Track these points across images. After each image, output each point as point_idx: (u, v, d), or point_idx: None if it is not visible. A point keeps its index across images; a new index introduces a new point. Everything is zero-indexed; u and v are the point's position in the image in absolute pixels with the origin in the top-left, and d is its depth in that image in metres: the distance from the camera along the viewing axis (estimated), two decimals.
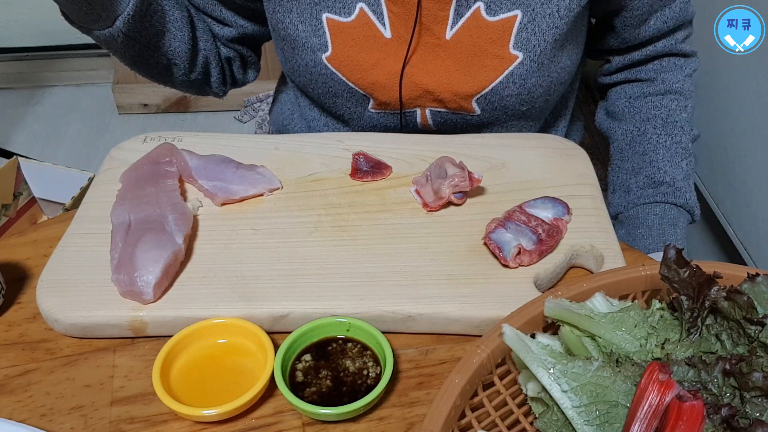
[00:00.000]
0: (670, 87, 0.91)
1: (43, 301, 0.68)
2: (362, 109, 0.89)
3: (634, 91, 0.93)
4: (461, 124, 0.89)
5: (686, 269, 0.52)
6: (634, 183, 0.88)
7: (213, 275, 0.70)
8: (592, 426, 0.47)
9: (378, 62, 0.83)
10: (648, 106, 0.91)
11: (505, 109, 0.86)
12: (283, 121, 1.05)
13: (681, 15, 0.88)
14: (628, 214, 0.88)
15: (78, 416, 0.61)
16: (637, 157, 0.89)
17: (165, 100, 2.14)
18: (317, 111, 0.96)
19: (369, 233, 0.75)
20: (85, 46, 2.25)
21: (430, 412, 0.48)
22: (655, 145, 0.89)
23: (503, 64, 0.81)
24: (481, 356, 0.51)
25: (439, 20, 0.80)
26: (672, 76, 0.91)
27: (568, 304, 0.54)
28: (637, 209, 0.87)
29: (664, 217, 0.86)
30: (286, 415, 0.61)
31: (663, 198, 0.87)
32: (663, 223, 0.85)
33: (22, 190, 1.47)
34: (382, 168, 0.83)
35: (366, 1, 0.81)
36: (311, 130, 0.98)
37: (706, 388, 0.48)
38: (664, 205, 0.87)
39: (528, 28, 0.79)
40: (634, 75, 0.93)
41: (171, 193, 0.77)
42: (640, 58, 0.91)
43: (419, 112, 0.88)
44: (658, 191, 0.87)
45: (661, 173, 0.87)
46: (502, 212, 0.76)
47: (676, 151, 0.87)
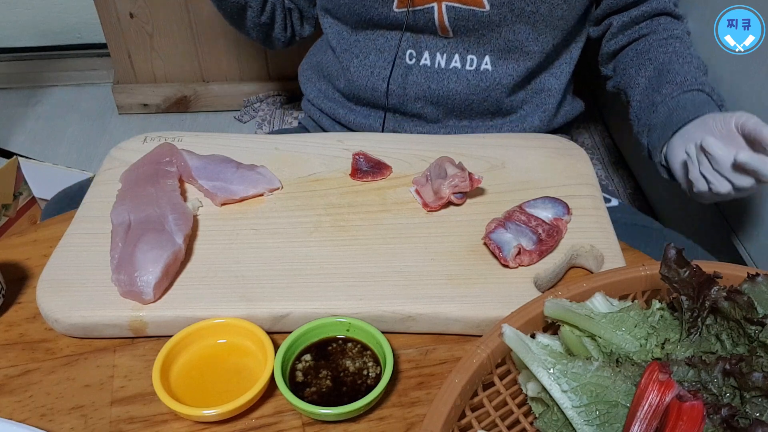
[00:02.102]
0: (672, 33, 0.94)
1: (43, 301, 0.68)
2: (387, 10, 0.93)
3: (640, 45, 0.96)
4: (474, 22, 0.91)
5: (686, 269, 0.52)
6: (657, 95, 0.89)
7: (213, 275, 0.70)
8: (592, 426, 0.47)
9: None
10: (654, 49, 0.94)
11: (512, 5, 0.89)
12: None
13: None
14: (658, 114, 0.88)
15: (78, 416, 0.61)
16: (656, 80, 0.91)
17: (165, 100, 2.14)
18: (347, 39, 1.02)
19: (369, 233, 0.75)
20: (85, 46, 2.25)
21: (430, 412, 0.48)
22: (669, 63, 0.91)
23: None
24: (481, 356, 0.51)
25: None
26: (671, 26, 0.95)
27: (568, 304, 0.54)
28: (666, 104, 0.87)
29: (695, 100, 0.85)
30: (286, 415, 0.61)
31: (689, 87, 0.87)
32: (696, 103, 0.84)
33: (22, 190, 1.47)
34: (382, 168, 0.83)
35: None
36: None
37: (706, 388, 0.48)
38: (692, 93, 0.86)
39: None
40: (636, 33, 0.97)
41: (171, 193, 0.77)
42: (637, 15, 0.95)
43: (436, 9, 0.91)
44: (683, 86, 0.87)
45: (682, 75, 0.89)
46: (502, 212, 0.76)
47: (690, 69, 0.90)
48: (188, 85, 2.10)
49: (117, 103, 2.18)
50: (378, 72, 0.98)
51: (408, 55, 0.96)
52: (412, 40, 0.95)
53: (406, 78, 0.96)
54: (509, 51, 0.93)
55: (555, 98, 1.00)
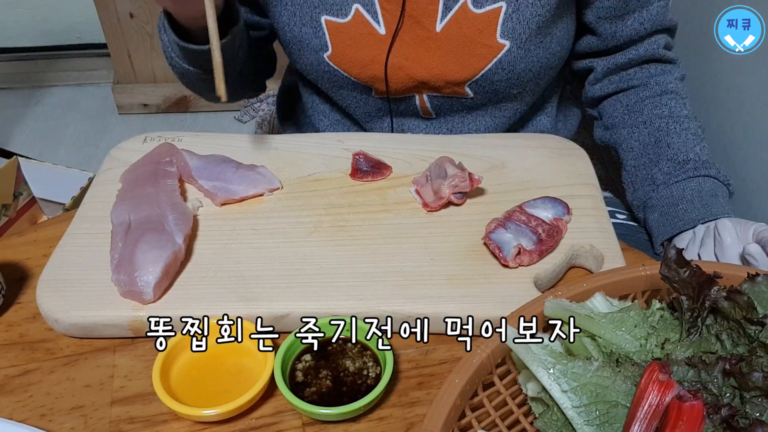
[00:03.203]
0: (665, 88, 0.90)
1: (43, 301, 0.68)
2: (366, 97, 0.94)
3: (629, 98, 0.92)
4: (457, 106, 0.93)
5: (686, 269, 0.52)
6: (657, 171, 0.85)
7: (213, 275, 0.70)
8: (592, 426, 0.47)
9: (375, 57, 0.88)
10: (648, 108, 0.90)
11: (496, 93, 0.90)
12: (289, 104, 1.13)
13: (658, 19, 0.89)
14: (659, 195, 0.84)
15: (78, 416, 0.61)
16: (652, 149, 0.87)
17: (165, 100, 2.14)
18: (326, 105, 1.02)
19: (369, 233, 0.75)
20: (85, 46, 2.25)
21: (430, 412, 0.48)
22: (666, 132, 0.87)
23: (492, 52, 0.86)
24: (481, 356, 0.51)
25: (429, 14, 0.85)
26: (664, 79, 0.91)
27: (568, 304, 0.54)
28: (669, 188, 0.83)
29: (701, 190, 0.82)
30: (286, 415, 0.61)
31: (694, 173, 0.83)
32: (703, 195, 0.81)
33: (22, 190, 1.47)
34: (382, 168, 0.83)
35: (361, 1, 0.85)
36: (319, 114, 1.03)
37: (706, 388, 0.48)
38: (698, 179, 0.83)
39: (513, 17, 0.84)
40: (625, 83, 0.93)
41: (171, 193, 0.77)
42: (623, 62, 0.92)
43: (417, 98, 0.93)
44: (686, 168, 0.84)
45: (683, 153, 0.85)
46: (502, 212, 0.76)
47: (688, 138, 0.86)
48: None
49: (117, 103, 2.18)
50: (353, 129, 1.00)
51: (391, 127, 0.97)
52: (394, 120, 0.97)
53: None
54: (494, 117, 0.94)
55: (547, 125, 1.00)
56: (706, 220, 0.79)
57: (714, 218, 0.78)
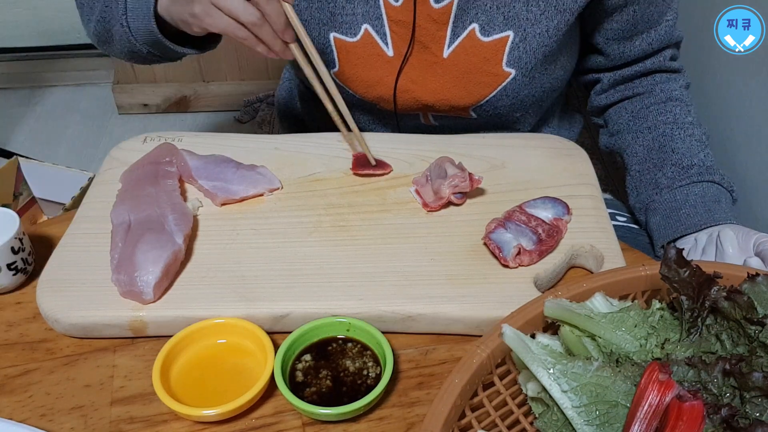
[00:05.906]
0: (670, 95, 0.91)
1: (43, 301, 0.68)
2: (370, 112, 0.95)
3: (634, 106, 0.93)
4: (462, 124, 0.93)
5: (686, 269, 0.52)
6: (661, 175, 0.86)
7: (213, 275, 0.70)
8: (592, 426, 0.47)
9: (381, 79, 0.89)
10: (653, 115, 0.90)
11: (500, 116, 0.91)
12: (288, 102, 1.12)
13: (666, 38, 0.89)
14: (662, 199, 0.84)
15: (78, 416, 0.61)
16: (656, 154, 0.88)
17: (165, 100, 2.14)
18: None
19: (369, 233, 0.75)
20: (85, 46, 2.25)
21: (430, 412, 0.48)
22: (671, 138, 0.87)
23: (497, 80, 0.86)
24: (481, 356, 0.51)
25: (437, 40, 0.85)
26: (668, 87, 0.92)
27: (568, 304, 0.54)
28: (672, 192, 0.84)
29: (705, 195, 0.82)
30: (286, 415, 0.61)
31: (698, 178, 0.83)
32: (706, 200, 0.82)
33: (22, 190, 1.47)
34: (383, 164, 0.83)
35: (371, 22, 0.85)
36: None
37: (706, 388, 0.48)
38: (701, 184, 0.83)
39: (519, 47, 0.84)
40: (630, 91, 0.93)
41: (171, 193, 0.77)
42: (630, 74, 0.92)
43: (422, 115, 0.94)
44: (689, 173, 0.84)
45: (687, 158, 0.85)
46: (502, 212, 0.76)
47: (692, 144, 0.86)
48: (188, 85, 2.10)
49: (117, 103, 2.18)
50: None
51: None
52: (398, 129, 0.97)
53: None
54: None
55: (551, 133, 1.00)
56: (708, 226, 0.79)
57: (716, 224, 0.78)
